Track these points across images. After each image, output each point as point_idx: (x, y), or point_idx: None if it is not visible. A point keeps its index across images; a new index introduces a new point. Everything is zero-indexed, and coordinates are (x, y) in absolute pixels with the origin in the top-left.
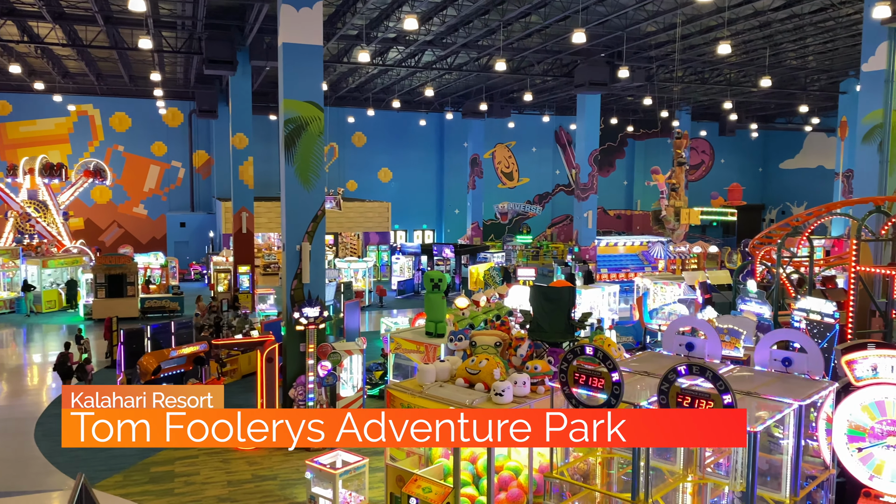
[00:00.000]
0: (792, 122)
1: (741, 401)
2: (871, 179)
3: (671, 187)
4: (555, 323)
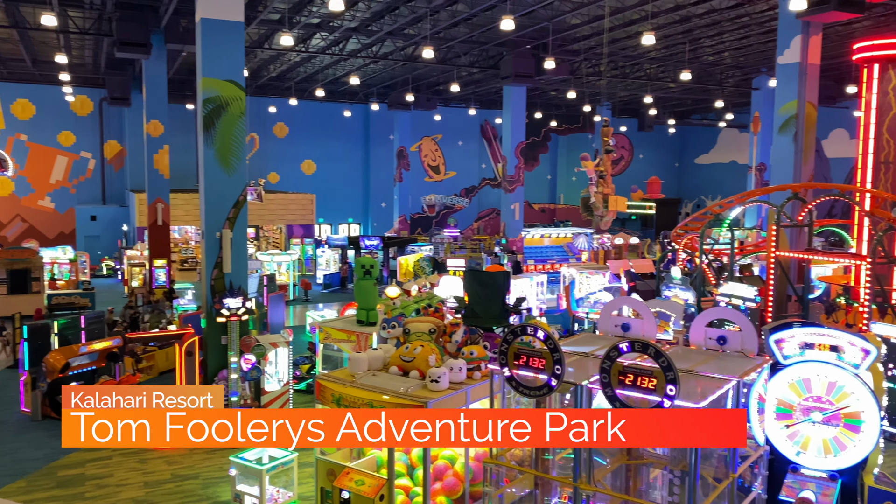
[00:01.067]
0: (707, 118)
1: (682, 378)
2: (787, 168)
3: (599, 175)
4: (489, 308)
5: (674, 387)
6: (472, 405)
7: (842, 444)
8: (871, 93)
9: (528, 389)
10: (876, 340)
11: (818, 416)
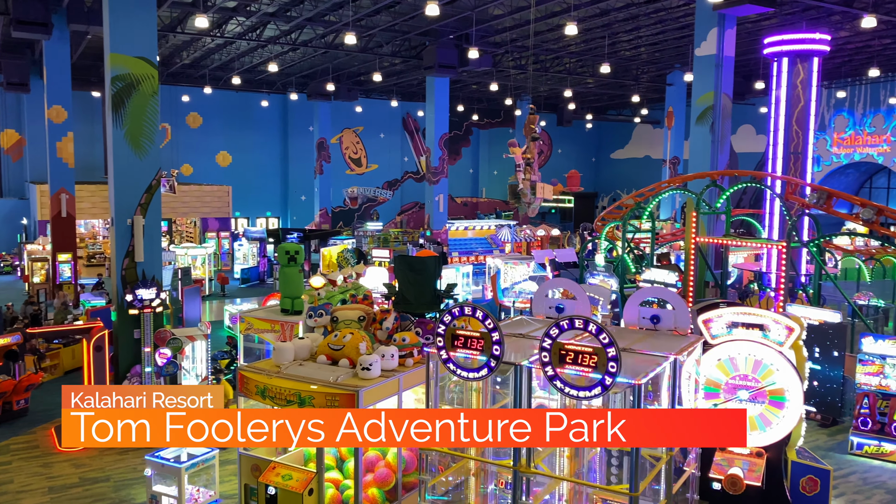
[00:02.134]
0: (622, 114)
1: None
2: (704, 157)
3: (527, 162)
4: (421, 294)
5: (615, 363)
6: (405, 393)
7: (767, 421)
8: (781, 86)
9: (467, 371)
10: (798, 319)
11: (745, 395)
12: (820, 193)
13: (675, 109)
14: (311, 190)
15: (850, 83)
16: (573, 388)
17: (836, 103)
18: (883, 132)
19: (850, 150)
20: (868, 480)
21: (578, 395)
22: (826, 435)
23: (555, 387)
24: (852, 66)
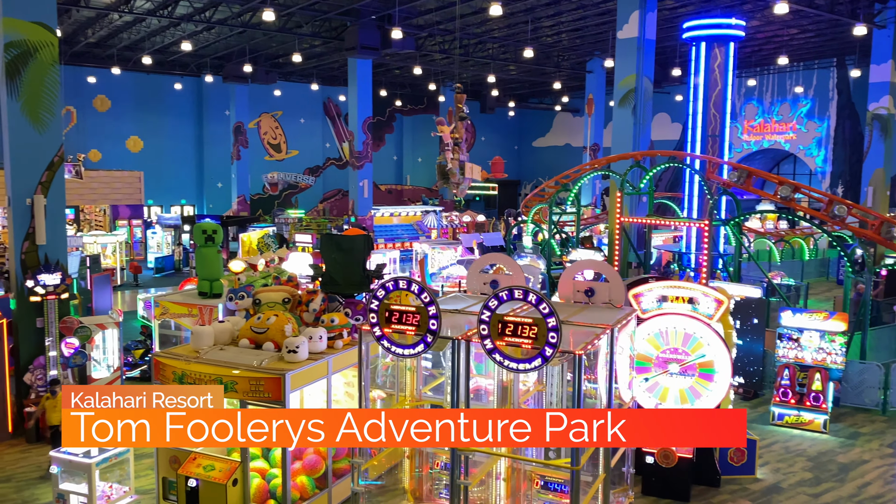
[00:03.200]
0: (544, 102)
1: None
2: (627, 139)
3: (455, 141)
4: (349, 274)
5: (556, 334)
6: (335, 375)
7: (697, 393)
8: (700, 70)
9: (402, 348)
10: (725, 291)
11: (675, 368)
12: (740, 172)
13: (595, 97)
14: (228, 176)
15: (759, 73)
16: (512, 360)
17: (747, 92)
18: (789, 120)
19: (759, 137)
20: (790, 449)
21: (518, 367)
22: (748, 407)
23: (493, 360)
24: (762, 55)
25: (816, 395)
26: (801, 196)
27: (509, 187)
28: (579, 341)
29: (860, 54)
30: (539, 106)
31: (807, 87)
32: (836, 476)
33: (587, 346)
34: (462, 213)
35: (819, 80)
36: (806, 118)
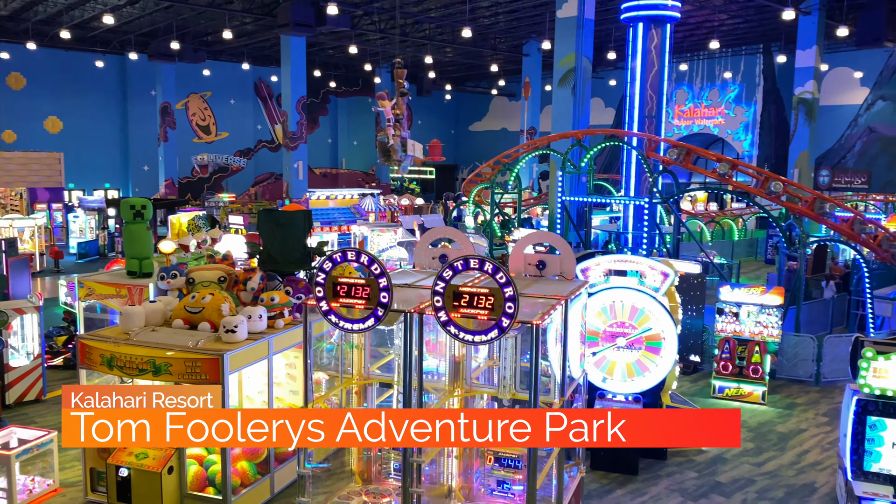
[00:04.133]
0: (480, 86)
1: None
2: (567, 119)
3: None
4: (289, 251)
5: (513, 304)
6: (276, 356)
7: (644, 367)
8: (637, 51)
9: (350, 323)
10: (671, 264)
11: (622, 342)
12: (679, 150)
13: (532, 80)
14: (155, 159)
15: (690, 58)
16: (468, 332)
17: (678, 77)
18: (718, 105)
19: (689, 122)
20: None
21: (474, 339)
22: (689, 381)
23: (448, 332)
24: (693, 40)
25: (755, 367)
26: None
27: (447, 171)
28: (535, 313)
29: (785, 41)
30: (476, 90)
31: (735, 73)
32: (776, 445)
33: (545, 316)
34: (400, 196)
35: (746, 66)
36: (734, 103)
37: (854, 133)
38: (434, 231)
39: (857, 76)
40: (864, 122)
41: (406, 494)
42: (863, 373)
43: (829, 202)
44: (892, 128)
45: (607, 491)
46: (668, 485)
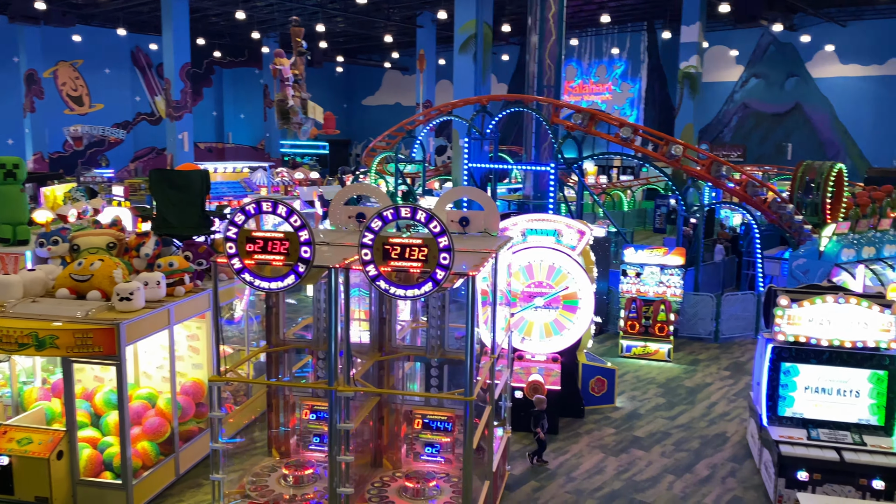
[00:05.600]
0: (373, 58)
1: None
2: (469, 85)
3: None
4: (185, 214)
5: (448, 255)
6: (176, 326)
7: (562, 326)
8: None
9: (268, 282)
10: (586, 223)
11: (540, 301)
12: (584, 115)
13: (427, 53)
14: (21, 132)
15: (579, 34)
16: (400, 287)
17: (567, 52)
18: (605, 81)
19: (578, 98)
20: (640, 378)
21: (406, 294)
22: (596, 343)
23: (378, 287)
24: (581, 17)
25: (661, 326)
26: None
27: (340, 147)
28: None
29: (669, 18)
30: (369, 62)
31: (621, 50)
32: (685, 399)
33: (479, 268)
34: (294, 170)
35: (632, 43)
36: (620, 79)
37: (730, 109)
38: (350, 188)
39: (732, 54)
40: (740, 98)
41: (333, 463)
42: (777, 321)
43: (725, 165)
44: (765, 104)
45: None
46: (588, 442)
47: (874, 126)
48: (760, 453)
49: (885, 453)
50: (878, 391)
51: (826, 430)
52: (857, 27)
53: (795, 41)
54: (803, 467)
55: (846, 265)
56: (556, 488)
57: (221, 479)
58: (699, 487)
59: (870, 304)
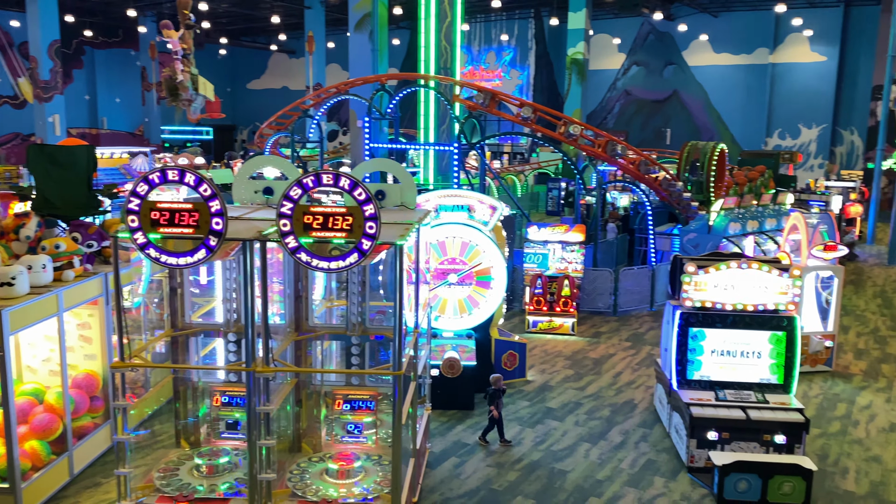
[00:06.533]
0: (258, 41)
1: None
2: (366, 64)
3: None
4: (70, 193)
5: (374, 224)
6: (66, 314)
7: (475, 302)
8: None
9: (175, 257)
10: (496, 199)
11: (454, 278)
12: (485, 94)
13: (316, 34)
14: None
15: (469, 20)
16: (322, 259)
17: None
18: (495, 68)
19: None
20: (548, 351)
21: (330, 266)
22: (503, 318)
23: (299, 260)
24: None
25: (565, 300)
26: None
27: (225, 132)
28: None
29: (556, 5)
30: (253, 45)
31: (510, 37)
32: (592, 370)
33: (401, 237)
34: (178, 156)
35: (520, 31)
36: (510, 66)
37: (613, 96)
38: (255, 161)
39: (615, 42)
40: (622, 85)
41: (253, 449)
42: (685, 287)
43: (621, 144)
44: (645, 91)
45: (448, 428)
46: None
47: (744, 111)
48: (670, 417)
49: (785, 409)
50: (778, 351)
51: (731, 390)
52: (728, 18)
53: (673, 31)
54: (713, 427)
55: (733, 238)
56: (476, 462)
57: (128, 473)
58: (614, 453)
59: (769, 268)
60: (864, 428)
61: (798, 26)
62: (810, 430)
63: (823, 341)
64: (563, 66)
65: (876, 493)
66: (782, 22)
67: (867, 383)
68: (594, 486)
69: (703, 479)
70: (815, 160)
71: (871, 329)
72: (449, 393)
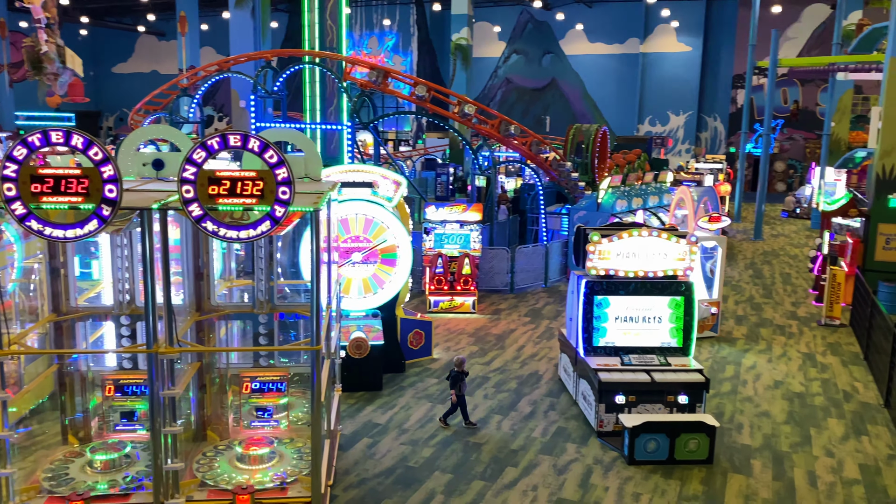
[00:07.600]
0: (123, 21)
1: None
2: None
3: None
4: None
5: (287, 189)
6: None
7: (381, 281)
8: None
9: (63, 229)
10: (399, 175)
11: (358, 256)
12: (378, 72)
13: (188, 15)
14: None
15: (351, 4)
16: (231, 228)
17: None
18: (378, 53)
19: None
20: (452, 330)
21: (239, 235)
22: None
23: (205, 230)
24: None
25: (466, 279)
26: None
27: (88, 119)
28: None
29: None
30: (119, 25)
31: (392, 22)
32: (496, 346)
33: (315, 203)
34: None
35: (402, 16)
36: (392, 52)
37: (495, 83)
38: (143, 131)
39: (496, 30)
40: (503, 73)
41: (157, 437)
42: (590, 256)
43: (514, 125)
44: (525, 79)
45: (358, 409)
46: (413, 394)
47: (617, 99)
48: (577, 384)
49: (686, 370)
50: (677, 315)
51: (636, 355)
52: (602, 8)
53: (551, 20)
54: (620, 391)
55: (620, 214)
56: (390, 442)
57: (10, 474)
58: (525, 423)
59: (669, 236)
60: (752, 387)
61: (666, 17)
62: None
63: (709, 308)
64: (446, 53)
65: (769, 444)
66: (651, 13)
67: (749, 346)
68: (509, 456)
69: (612, 442)
70: (683, 145)
71: (746, 297)
72: (356, 374)
